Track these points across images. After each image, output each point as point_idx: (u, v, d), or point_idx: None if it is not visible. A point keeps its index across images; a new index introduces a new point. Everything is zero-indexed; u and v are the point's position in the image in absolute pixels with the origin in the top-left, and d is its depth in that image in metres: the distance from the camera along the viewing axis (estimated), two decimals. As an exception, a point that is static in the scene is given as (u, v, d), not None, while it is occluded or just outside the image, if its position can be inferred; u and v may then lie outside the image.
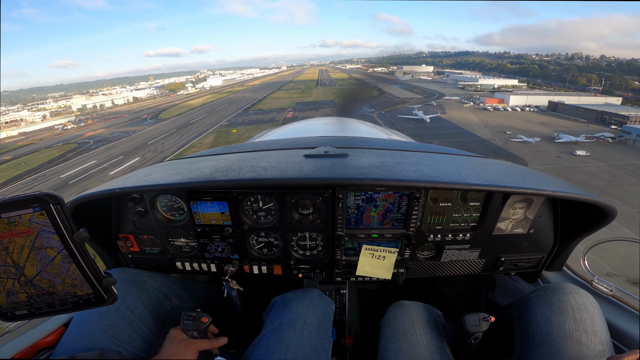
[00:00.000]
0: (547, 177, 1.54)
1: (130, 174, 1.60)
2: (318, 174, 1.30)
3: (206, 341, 1.27)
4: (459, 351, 1.33)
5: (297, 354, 1.15)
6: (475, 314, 1.26)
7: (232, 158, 1.62)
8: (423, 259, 1.58)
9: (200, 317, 1.25)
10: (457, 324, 1.30)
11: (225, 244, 1.55)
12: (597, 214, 1.32)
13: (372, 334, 1.54)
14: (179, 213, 1.49)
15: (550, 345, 1.11)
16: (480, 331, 1.24)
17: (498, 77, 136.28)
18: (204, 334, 1.28)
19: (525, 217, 1.45)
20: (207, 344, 1.27)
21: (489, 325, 1.24)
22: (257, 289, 1.97)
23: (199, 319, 1.25)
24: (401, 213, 1.43)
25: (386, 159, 1.51)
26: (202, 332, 1.26)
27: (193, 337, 1.25)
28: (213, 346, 1.30)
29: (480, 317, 1.25)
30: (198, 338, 1.26)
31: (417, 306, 1.45)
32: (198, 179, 1.32)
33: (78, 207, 1.33)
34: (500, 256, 1.56)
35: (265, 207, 1.45)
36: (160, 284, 1.49)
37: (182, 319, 1.25)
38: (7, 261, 0.68)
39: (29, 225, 0.65)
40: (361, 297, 2.42)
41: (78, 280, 0.72)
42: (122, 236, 1.57)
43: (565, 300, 1.19)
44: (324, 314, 1.36)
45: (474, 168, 1.49)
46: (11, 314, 0.73)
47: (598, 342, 1.09)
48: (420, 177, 1.29)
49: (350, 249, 1.55)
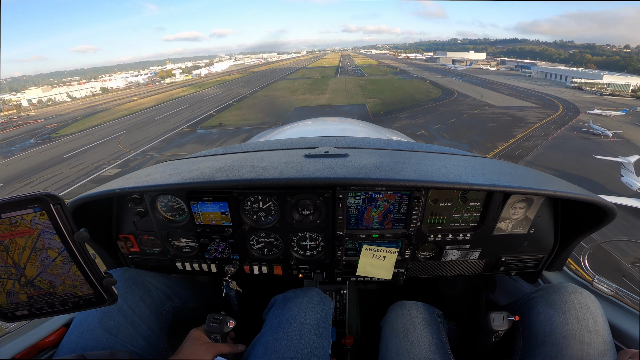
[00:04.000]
0: (548, 177, 1.54)
1: (131, 175, 1.60)
2: (318, 174, 1.30)
3: (227, 345, 1.26)
4: (474, 350, 1.32)
5: (296, 353, 1.15)
6: (500, 313, 1.26)
7: (233, 158, 1.62)
8: (423, 259, 1.58)
9: (227, 321, 1.25)
10: (480, 321, 1.30)
11: (225, 244, 1.55)
12: (598, 213, 1.32)
13: (372, 334, 1.54)
14: (179, 213, 1.49)
15: (553, 345, 1.11)
16: (503, 329, 1.24)
17: (624, 74, 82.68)
18: (226, 338, 1.27)
19: (526, 217, 1.45)
20: (228, 348, 1.25)
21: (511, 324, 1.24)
22: (258, 288, 1.97)
23: (226, 322, 1.24)
24: (401, 213, 1.43)
25: (386, 159, 1.51)
26: (225, 336, 1.25)
27: (215, 341, 1.24)
28: (233, 351, 1.28)
29: (505, 315, 1.26)
30: (220, 342, 1.24)
31: (418, 306, 1.45)
32: (198, 179, 1.32)
33: (78, 207, 1.33)
34: (500, 256, 1.56)
35: (265, 207, 1.45)
36: (162, 284, 1.50)
37: (207, 321, 1.24)
38: (7, 262, 0.68)
39: (30, 226, 0.65)
40: (362, 297, 2.42)
41: (78, 281, 0.72)
42: (122, 236, 1.57)
43: (568, 300, 1.19)
44: (323, 313, 1.36)
45: (474, 168, 1.49)
46: (11, 315, 0.73)
47: (601, 341, 1.09)
48: (421, 177, 1.29)
49: (351, 249, 1.55)
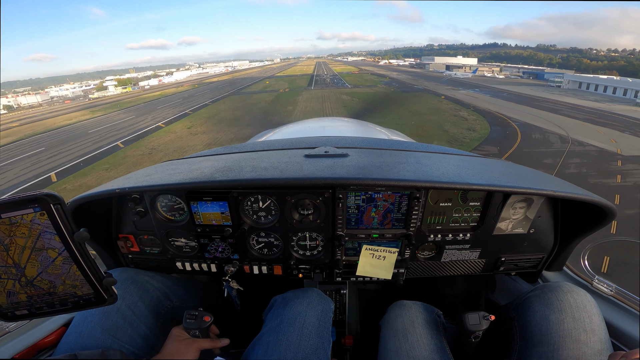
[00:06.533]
0: (548, 177, 1.54)
1: (131, 174, 1.60)
2: (318, 173, 1.30)
3: (208, 340, 1.27)
4: (459, 350, 1.33)
5: (296, 353, 1.15)
6: (476, 313, 1.26)
7: (232, 158, 1.62)
8: (423, 259, 1.58)
9: (202, 316, 1.25)
10: (457, 322, 1.31)
11: (225, 244, 1.55)
12: (598, 213, 1.32)
13: (372, 333, 1.54)
14: (179, 213, 1.49)
15: (549, 344, 1.11)
16: (480, 330, 1.24)
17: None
18: (206, 333, 1.28)
19: (526, 217, 1.45)
20: (209, 343, 1.27)
21: (489, 324, 1.24)
22: (258, 288, 1.97)
23: (202, 317, 1.25)
24: (401, 213, 1.43)
25: (386, 158, 1.51)
26: (204, 331, 1.26)
27: (195, 336, 1.25)
28: (215, 346, 1.30)
29: (480, 315, 1.25)
30: (200, 337, 1.25)
31: (417, 306, 1.45)
32: (198, 179, 1.32)
33: (78, 207, 1.33)
34: (500, 256, 1.56)
35: (265, 207, 1.45)
36: (161, 284, 1.49)
37: (184, 318, 1.25)
38: (7, 262, 0.68)
39: (30, 226, 0.65)
40: (361, 297, 2.43)
41: (78, 281, 0.72)
42: (122, 236, 1.57)
43: (564, 299, 1.19)
44: (323, 313, 1.36)
45: (474, 168, 1.49)
46: (11, 314, 0.73)
47: (597, 340, 1.09)
48: (421, 177, 1.29)
49: (351, 249, 1.55)
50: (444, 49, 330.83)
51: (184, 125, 35.06)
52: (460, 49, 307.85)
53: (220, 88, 73.01)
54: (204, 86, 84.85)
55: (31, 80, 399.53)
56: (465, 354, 1.33)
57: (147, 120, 40.08)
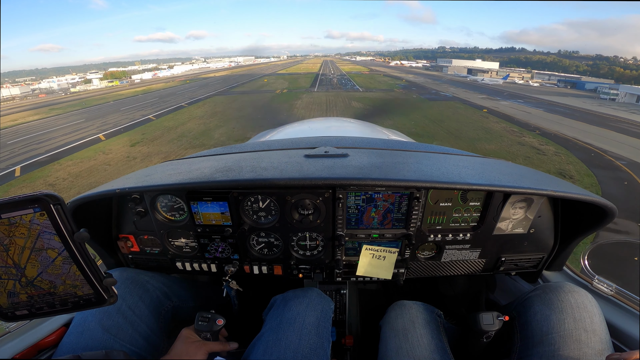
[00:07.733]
0: (548, 177, 1.54)
1: (131, 174, 1.61)
2: (318, 174, 1.30)
3: (218, 344, 1.26)
4: (469, 350, 1.33)
5: (296, 353, 1.15)
6: (489, 313, 1.26)
7: (232, 158, 1.62)
8: (423, 259, 1.58)
9: (215, 319, 1.25)
10: (470, 322, 1.30)
11: (225, 244, 1.55)
12: (598, 213, 1.32)
13: (372, 333, 1.54)
14: (179, 213, 1.49)
15: (550, 344, 1.11)
16: (493, 330, 1.24)
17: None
18: (217, 336, 1.27)
19: (526, 217, 1.45)
20: (219, 346, 1.26)
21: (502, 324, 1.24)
22: (258, 288, 1.97)
23: (214, 320, 1.24)
24: (401, 213, 1.43)
25: (386, 158, 1.51)
26: (215, 334, 1.25)
27: (205, 339, 1.24)
28: (224, 349, 1.28)
29: (494, 315, 1.26)
30: (210, 340, 1.25)
31: (418, 306, 1.45)
32: (198, 179, 1.32)
33: (78, 207, 1.33)
34: (500, 256, 1.56)
35: (265, 207, 1.45)
36: (161, 283, 1.50)
37: (196, 320, 1.24)
38: (8, 262, 0.68)
39: (30, 226, 0.65)
40: (361, 297, 2.43)
41: (79, 281, 0.72)
42: (122, 236, 1.57)
43: (565, 299, 1.19)
44: (323, 313, 1.36)
45: (474, 168, 1.49)
46: (12, 314, 0.73)
47: (597, 340, 1.09)
48: (421, 177, 1.29)
49: (351, 249, 1.55)
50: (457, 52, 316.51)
51: (130, 139, 22.63)
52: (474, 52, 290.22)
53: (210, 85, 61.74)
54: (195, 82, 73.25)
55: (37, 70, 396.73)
56: (474, 353, 1.33)
57: (91, 127, 28.14)
